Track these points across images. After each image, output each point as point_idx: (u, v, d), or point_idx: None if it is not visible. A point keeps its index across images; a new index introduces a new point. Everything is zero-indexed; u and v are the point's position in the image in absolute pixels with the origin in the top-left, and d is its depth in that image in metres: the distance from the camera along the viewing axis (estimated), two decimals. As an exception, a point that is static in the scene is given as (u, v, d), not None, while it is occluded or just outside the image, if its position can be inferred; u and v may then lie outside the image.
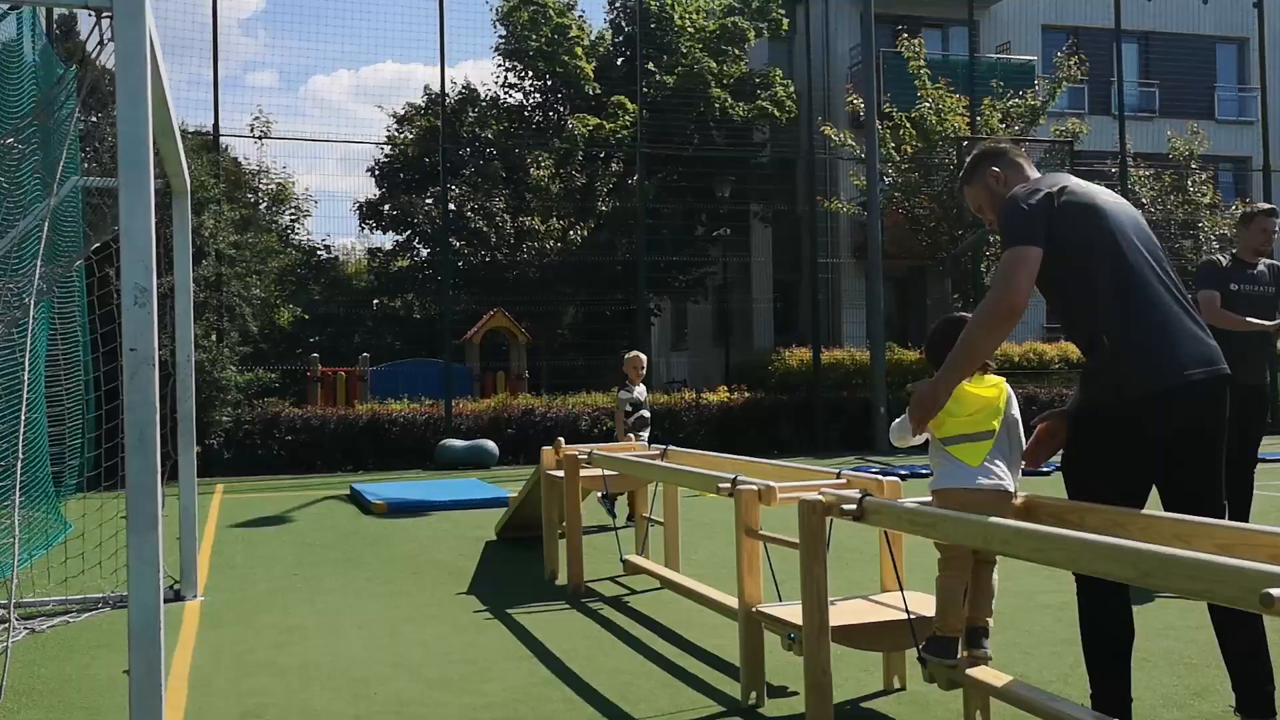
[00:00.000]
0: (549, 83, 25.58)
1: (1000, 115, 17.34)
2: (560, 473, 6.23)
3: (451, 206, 21.41)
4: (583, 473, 5.97)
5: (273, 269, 16.30)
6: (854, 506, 3.24)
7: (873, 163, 16.47)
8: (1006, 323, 3.09)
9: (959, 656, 3.31)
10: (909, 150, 17.27)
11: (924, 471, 12.56)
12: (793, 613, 3.59)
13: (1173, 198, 18.70)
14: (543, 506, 6.53)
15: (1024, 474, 3.42)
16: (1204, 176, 19.49)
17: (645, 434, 8.94)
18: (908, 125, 17.45)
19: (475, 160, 24.69)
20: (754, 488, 3.85)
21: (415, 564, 7.24)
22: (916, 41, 17.66)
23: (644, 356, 9.27)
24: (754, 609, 3.86)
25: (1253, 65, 28.13)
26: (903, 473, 12.61)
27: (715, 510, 8.89)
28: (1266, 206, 6.26)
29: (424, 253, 25.51)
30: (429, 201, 24.10)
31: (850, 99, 18.31)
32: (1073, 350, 18.90)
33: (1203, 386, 3.03)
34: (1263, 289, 6.23)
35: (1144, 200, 18.66)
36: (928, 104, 17.07)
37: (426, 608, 5.82)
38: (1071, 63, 17.51)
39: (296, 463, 14.54)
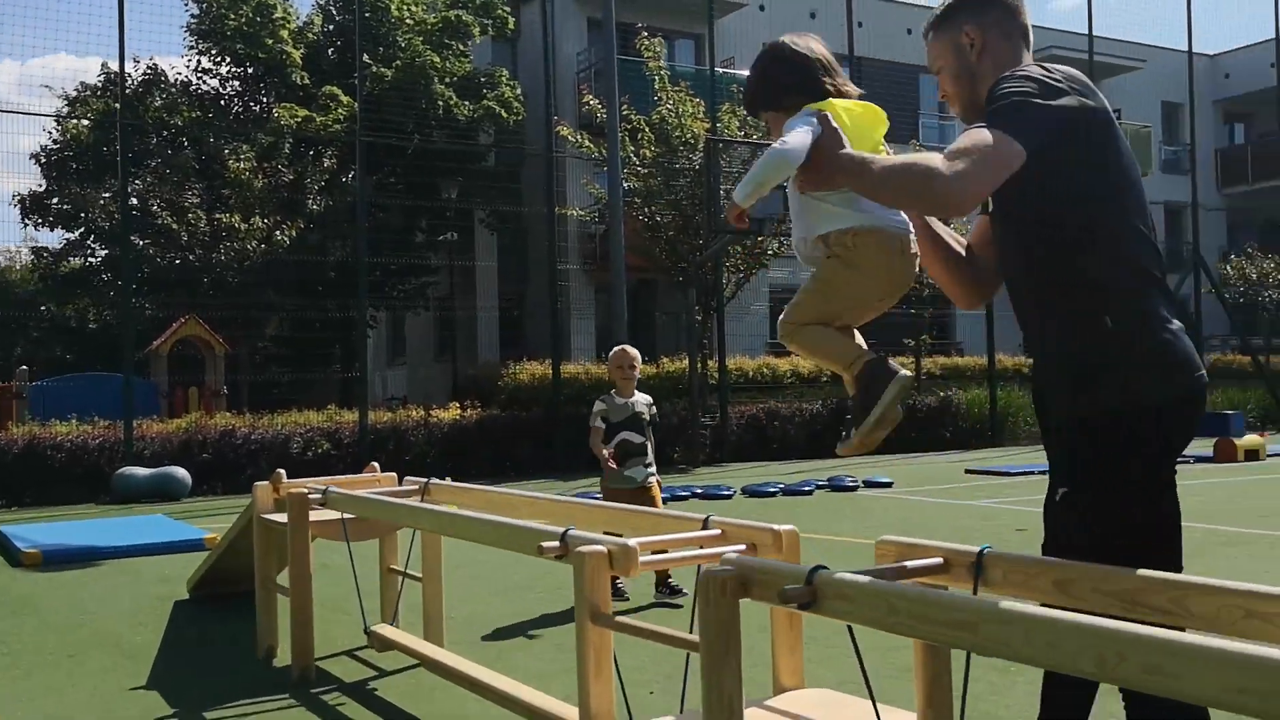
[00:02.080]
0: (250, 69, 23.20)
1: (739, 122, 16.89)
2: (281, 517, 4.69)
3: (134, 200, 18.77)
4: (315, 516, 4.46)
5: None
6: (800, 589, 2.02)
7: (614, 167, 15.55)
8: (932, 206, 2.29)
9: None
10: (647, 154, 16.49)
11: (806, 489, 11.66)
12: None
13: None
14: (256, 561, 4.93)
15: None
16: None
17: (639, 467, 6.09)
18: (647, 130, 16.68)
19: (164, 150, 21.94)
20: (600, 549, 2.56)
21: (74, 640, 5.42)
22: (656, 41, 16.92)
23: (633, 352, 6.36)
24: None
25: (951, 95, 29.77)
26: (772, 490, 11.72)
27: (475, 550, 7.48)
28: None
29: (101, 252, 22.43)
30: (106, 195, 21.15)
31: (586, 100, 17.33)
32: (804, 365, 18.82)
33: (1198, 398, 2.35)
34: None
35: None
36: (668, 106, 16.35)
37: (82, 716, 4.14)
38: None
39: (-74, 500, 11.85)
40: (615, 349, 6.47)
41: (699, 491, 11.41)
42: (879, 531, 7.64)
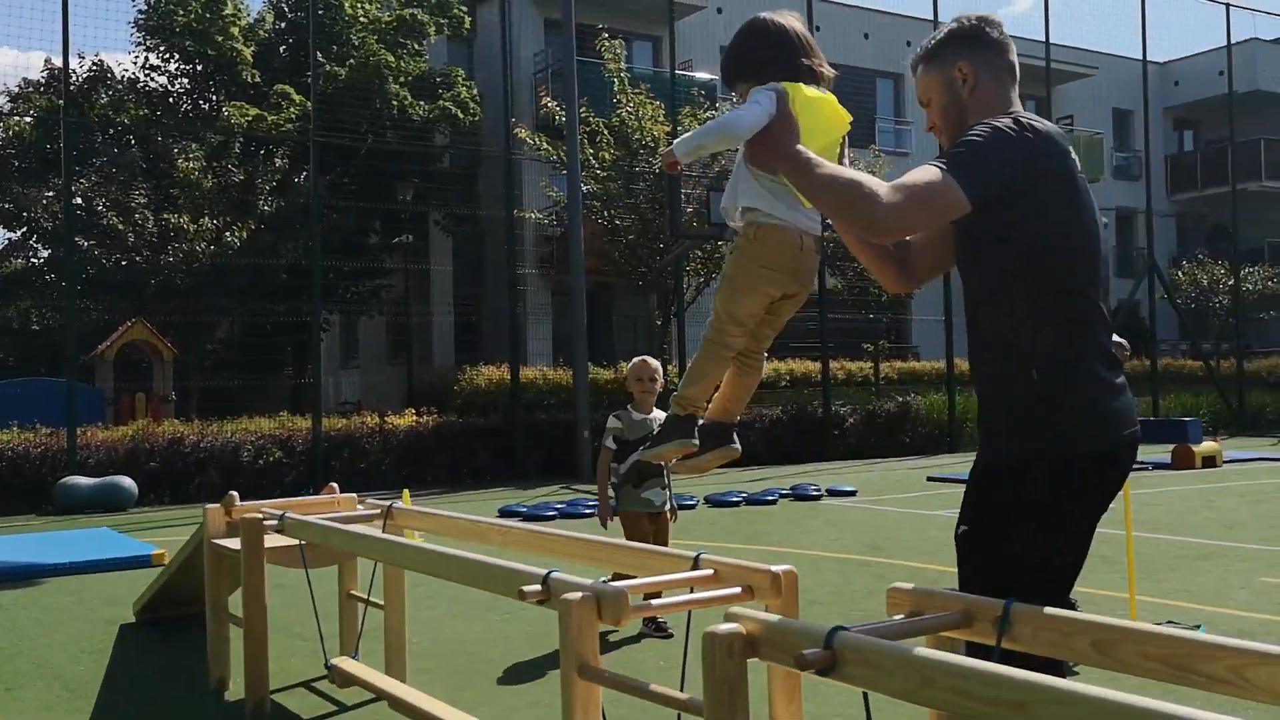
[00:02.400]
0: (199, 67, 22.67)
1: (699, 125, 16.78)
2: (234, 542, 4.44)
3: (78, 200, 18.23)
4: (270, 542, 4.22)
5: None
6: (819, 653, 1.84)
7: (574, 170, 15.33)
8: (860, 227, 2.30)
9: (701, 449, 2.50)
10: (606, 158, 16.31)
11: (769, 498, 11.48)
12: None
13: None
14: (207, 589, 4.67)
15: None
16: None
17: (658, 489, 5.59)
18: (606, 132, 16.50)
19: (109, 148, 21.36)
20: (588, 596, 2.36)
21: (10, 671, 5.12)
22: (616, 43, 16.73)
23: (654, 363, 5.82)
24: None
25: (908, 99, 29.87)
26: (735, 500, 11.51)
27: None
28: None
29: (44, 253, 21.82)
30: (50, 194, 20.55)
31: (544, 102, 17.08)
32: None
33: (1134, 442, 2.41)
34: None
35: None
36: (628, 109, 16.16)
37: (22, 759, 3.87)
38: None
39: None
40: (635, 360, 5.85)
41: (662, 501, 11.21)
42: (850, 546, 7.57)
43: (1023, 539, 2.30)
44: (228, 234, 18.89)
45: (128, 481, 12.25)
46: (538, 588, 2.51)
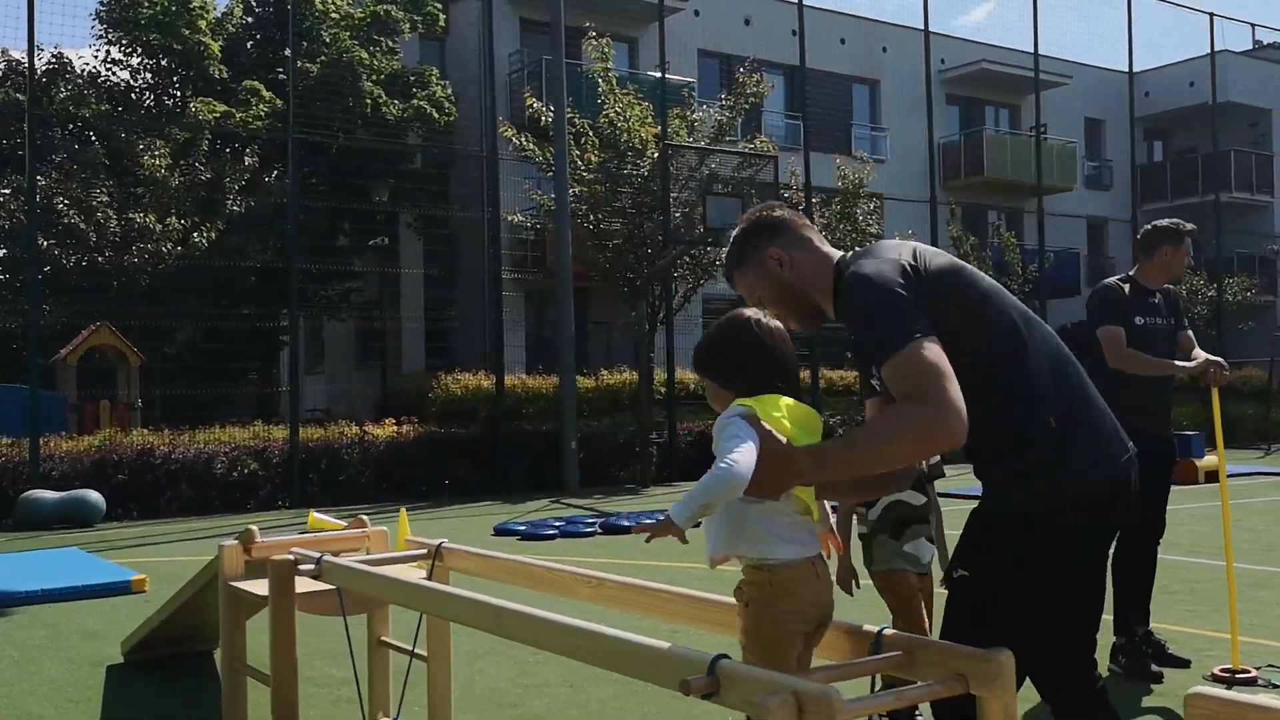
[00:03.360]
0: (164, 62, 21.90)
1: (687, 128, 16.32)
2: (255, 587, 3.92)
3: (37, 198, 17.43)
4: (302, 588, 3.70)
5: None
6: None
7: (562, 172, 14.85)
8: (941, 442, 2.21)
9: None
10: (592, 159, 15.81)
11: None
12: None
13: (842, 226, 18.57)
14: (222, 638, 4.13)
15: None
16: (871, 207, 19.64)
17: (922, 541, 4.10)
18: (591, 134, 16.00)
19: (70, 145, 20.54)
20: (787, 700, 1.87)
21: (-9, 725, 4.56)
22: (604, 41, 16.22)
23: None
24: None
25: (883, 105, 29.65)
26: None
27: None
28: (1188, 226, 5.15)
29: (0, 253, 20.94)
30: (6, 191, 19.70)
31: (529, 102, 16.55)
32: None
33: (1135, 462, 2.50)
34: (1162, 321, 5.11)
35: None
36: (616, 109, 15.67)
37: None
38: (756, 79, 16.81)
39: None
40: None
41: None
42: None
43: (1021, 588, 2.38)
44: (195, 234, 18.17)
45: (95, 495, 11.60)
46: (703, 678, 2.04)
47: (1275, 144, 34.22)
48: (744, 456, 2.13)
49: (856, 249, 2.57)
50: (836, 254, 2.55)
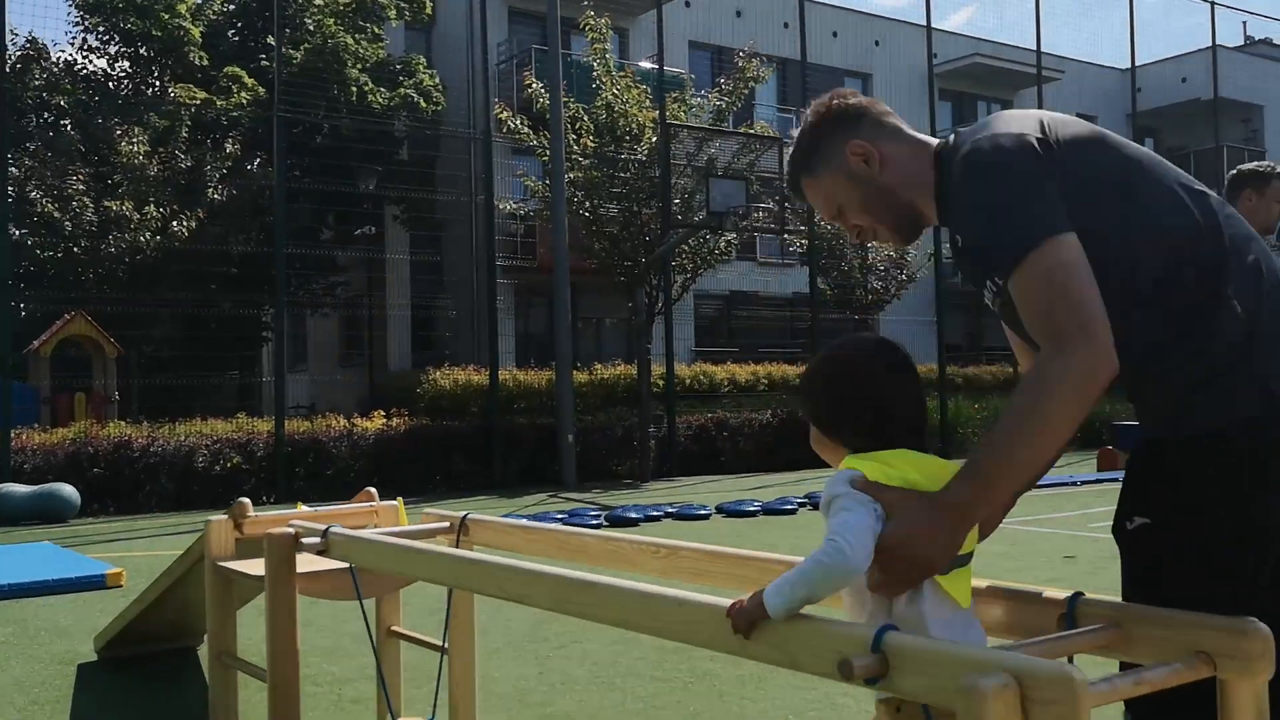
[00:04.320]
0: (142, 50, 21.27)
1: (686, 112, 15.83)
2: (250, 566, 3.39)
3: (10, 186, 16.78)
4: (305, 567, 3.17)
5: None
6: None
7: (558, 159, 14.33)
8: (1102, 385, 1.69)
9: None
10: (588, 144, 15.30)
11: (787, 507, 10.32)
12: None
13: (835, 222, 18.14)
14: (209, 627, 3.59)
15: None
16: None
17: None
18: (586, 119, 15.49)
19: (44, 132, 19.90)
20: (1001, 682, 1.37)
21: (-55, 730, 4.01)
22: (603, 22, 15.70)
23: None
24: None
25: (876, 98, 29.27)
26: (752, 509, 10.08)
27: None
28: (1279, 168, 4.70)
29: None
30: (-21, 179, 19.03)
31: (529, 82, 16.02)
32: (740, 373, 17.77)
33: None
34: None
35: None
36: (614, 93, 15.16)
37: None
38: (755, 63, 16.32)
39: None
40: None
41: (672, 511, 10.25)
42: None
43: (1214, 529, 1.77)
44: (175, 223, 17.56)
45: (68, 489, 11.01)
46: (867, 660, 1.52)
47: (1267, 140, 34.07)
48: (857, 539, 1.62)
49: (959, 129, 2.00)
50: (934, 141, 2.02)
